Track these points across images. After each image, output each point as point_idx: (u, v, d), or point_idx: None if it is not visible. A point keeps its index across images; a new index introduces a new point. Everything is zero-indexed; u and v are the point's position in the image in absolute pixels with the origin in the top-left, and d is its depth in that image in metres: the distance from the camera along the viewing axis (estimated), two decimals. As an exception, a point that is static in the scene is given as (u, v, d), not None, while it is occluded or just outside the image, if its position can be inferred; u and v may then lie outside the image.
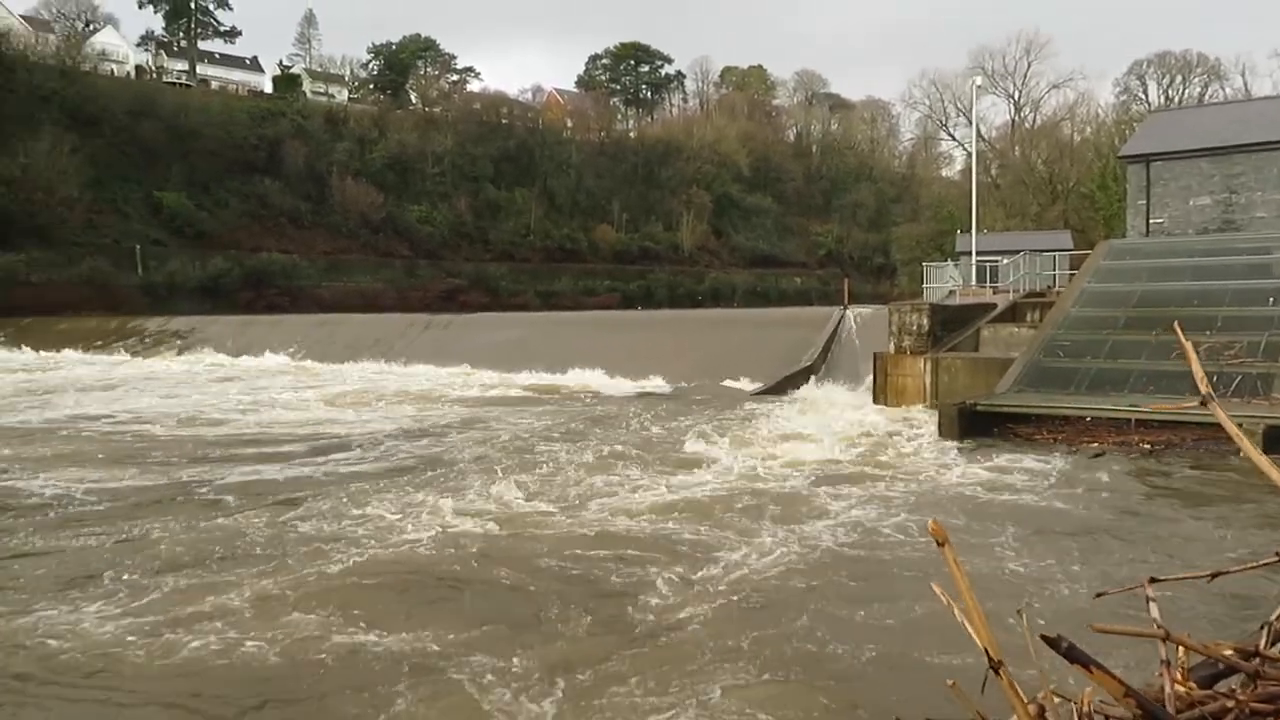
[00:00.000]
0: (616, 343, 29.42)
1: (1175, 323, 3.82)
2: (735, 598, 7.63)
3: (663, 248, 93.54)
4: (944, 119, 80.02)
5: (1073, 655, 1.71)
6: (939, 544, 1.74)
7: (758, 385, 23.63)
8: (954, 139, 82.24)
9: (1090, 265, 23.66)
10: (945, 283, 33.30)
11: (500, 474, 12.56)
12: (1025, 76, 74.09)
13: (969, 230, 36.99)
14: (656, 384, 25.32)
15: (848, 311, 26.41)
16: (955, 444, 15.33)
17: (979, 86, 47.41)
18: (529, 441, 15.81)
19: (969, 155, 65.29)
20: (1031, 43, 74.10)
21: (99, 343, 42.21)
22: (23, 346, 42.60)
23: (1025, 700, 1.78)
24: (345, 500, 11.19)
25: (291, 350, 35.86)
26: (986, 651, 1.70)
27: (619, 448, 14.69)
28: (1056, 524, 10.15)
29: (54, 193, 57.52)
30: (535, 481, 12.18)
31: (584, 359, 27.74)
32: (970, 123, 58.18)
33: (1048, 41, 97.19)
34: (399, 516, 10.30)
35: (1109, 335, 19.34)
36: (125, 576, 8.25)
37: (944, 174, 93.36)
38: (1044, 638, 1.71)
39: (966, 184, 49.44)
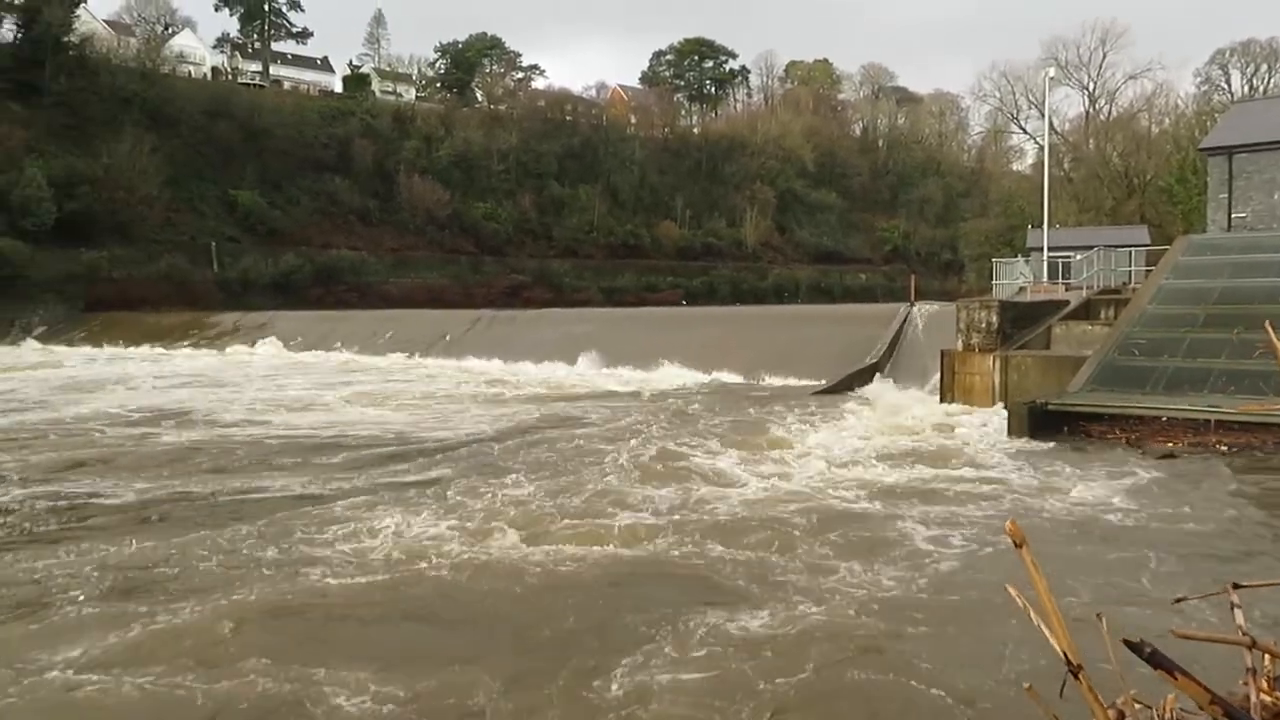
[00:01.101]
0: (679, 339, 29.43)
1: (1266, 322, 3.69)
2: (810, 600, 7.58)
3: (725, 244, 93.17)
4: (1015, 112, 78.24)
5: (1156, 661, 1.66)
6: (1016, 545, 1.71)
7: (820, 383, 23.41)
8: (1025, 132, 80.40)
9: (1168, 261, 22.96)
10: (1015, 279, 32.59)
11: (591, 482, 12.64)
12: (1100, 67, 72.12)
13: (1040, 225, 36.15)
14: (719, 380, 25.24)
15: (914, 308, 26.02)
16: (1025, 443, 15.02)
17: (1052, 78, 46.28)
18: (592, 444, 15.87)
19: (1041, 149, 63.88)
20: (1108, 32, 72.07)
21: (191, 337, 43.55)
22: (103, 344, 44.11)
23: (1105, 705, 1.74)
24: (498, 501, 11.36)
25: (372, 344, 36.30)
26: (1065, 655, 1.66)
27: (675, 448, 14.67)
28: (1132, 526, 9.88)
29: (134, 191, 59.39)
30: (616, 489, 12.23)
31: (646, 355, 27.80)
32: (1042, 115, 56.89)
33: (1125, 31, 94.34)
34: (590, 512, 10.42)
35: (1187, 333, 18.75)
36: (342, 559, 8.50)
37: (1014, 168, 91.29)
38: (1126, 642, 1.66)
39: (1038, 178, 48.29)
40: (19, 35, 64.85)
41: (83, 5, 70.78)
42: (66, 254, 54.17)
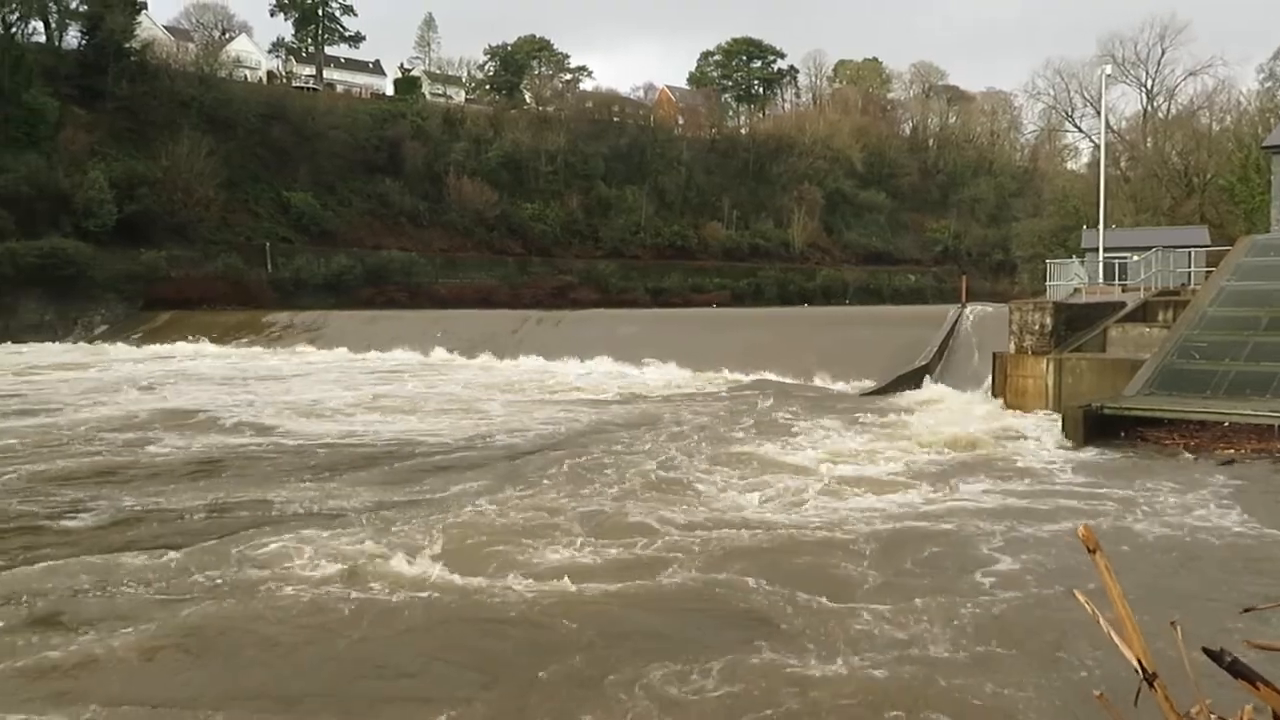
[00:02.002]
0: (727, 340, 29.37)
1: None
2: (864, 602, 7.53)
3: (773, 245, 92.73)
4: (1070, 110, 76.74)
5: (1237, 670, 1.62)
6: (1089, 551, 1.68)
7: (870, 385, 23.20)
8: (1080, 130, 78.78)
9: (1230, 262, 22.39)
10: (1070, 280, 32.05)
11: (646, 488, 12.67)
12: (1159, 64, 70.48)
13: (1096, 225, 35.46)
14: (767, 382, 25.11)
15: (965, 310, 25.68)
16: (1080, 448, 14.75)
17: (1108, 75, 45.34)
18: (638, 448, 15.89)
19: (1096, 147, 62.61)
20: (1167, 28, 70.40)
21: (248, 335, 44.39)
22: (167, 341, 45.13)
23: (1180, 715, 1.71)
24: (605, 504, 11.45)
25: (438, 344, 36.45)
26: (1140, 663, 1.63)
27: (711, 450, 14.64)
28: (1195, 533, 9.66)
29: (192, 193, 60.68)
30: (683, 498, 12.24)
31: (694, 356, 27.78)
32: (1098, 113, 55.81)
33: (1185, 26, 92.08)
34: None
35: (1250, 336, 18.27)
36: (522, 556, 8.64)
37: (1069, 167, 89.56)
38: (1206, 651, 1.63)
39: (1093, 177, 47.40)
40: (83, 42, 66.62)
41: (144, 12, 72.53)
42: (127, 254, 55.53)
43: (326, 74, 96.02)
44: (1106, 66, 45.10)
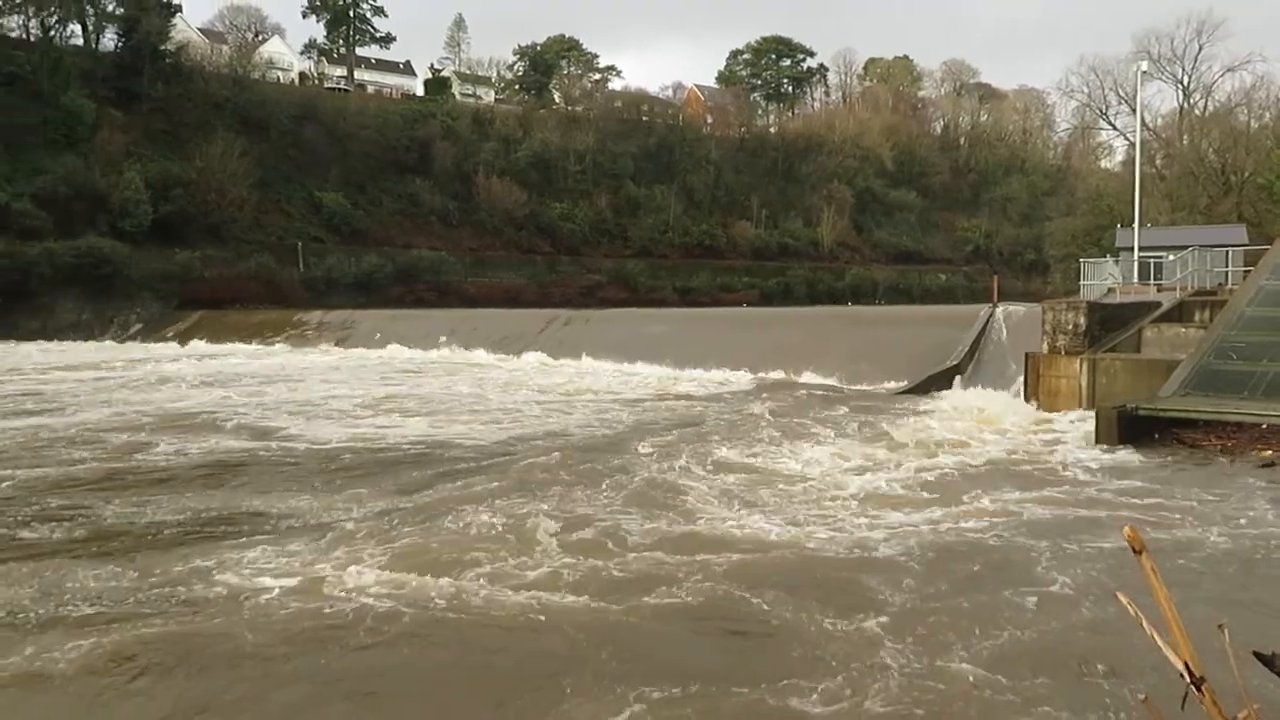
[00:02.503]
0: (755, 339, 29.29)
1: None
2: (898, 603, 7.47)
3: (802, 244, 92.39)
4: (1104, 107, 75.73)
5: (1286, 674, 1.59)
6: (1135, 552, 1.66)
7: (900, 385, 23.05)
8: (1115, 128, 77.72)
9: (1269, 261, 22.01)
10: (1104, 280, 31.63)
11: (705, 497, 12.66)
12: (1196, 60, 69.38)
13: (1130, 224, 34.99)
14: (796, 382, 25.01)
15: (997, 309, 25.44)
16: (1115, 449, 14.56)
17: (1144, 72, 44.76)
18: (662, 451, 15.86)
19: (1131, 145, 61.78)
20: (1204, 24, 69.28)
21: (283, 334, 44.88)
22: (199, 340, 45.69)
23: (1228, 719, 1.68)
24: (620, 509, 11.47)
25: (466, 343, 36.54)
26: (1187, 667, 1.61)
27: (742, 456, 14.58)
28: (1238, 537, 9.50)
29: (226, 193, 61.42)
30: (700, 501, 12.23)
31: (722, 355, 27.73)
32: (1133, 111, 55.06)
33: (1222, 22, 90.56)
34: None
35: (1290, 337, 17.96)
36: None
37: (1103, 165, 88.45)
38: (1257, 655, 1.60)
39: (1128, 175, 46.81)
40: (120, 44, 67.60)
41: (179, 14, 73.50)
42: (162, 254, 56.33)
43: (357, 75, 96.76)
44: (1142, 63, 44.54)
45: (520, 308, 50.33)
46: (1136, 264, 31.35)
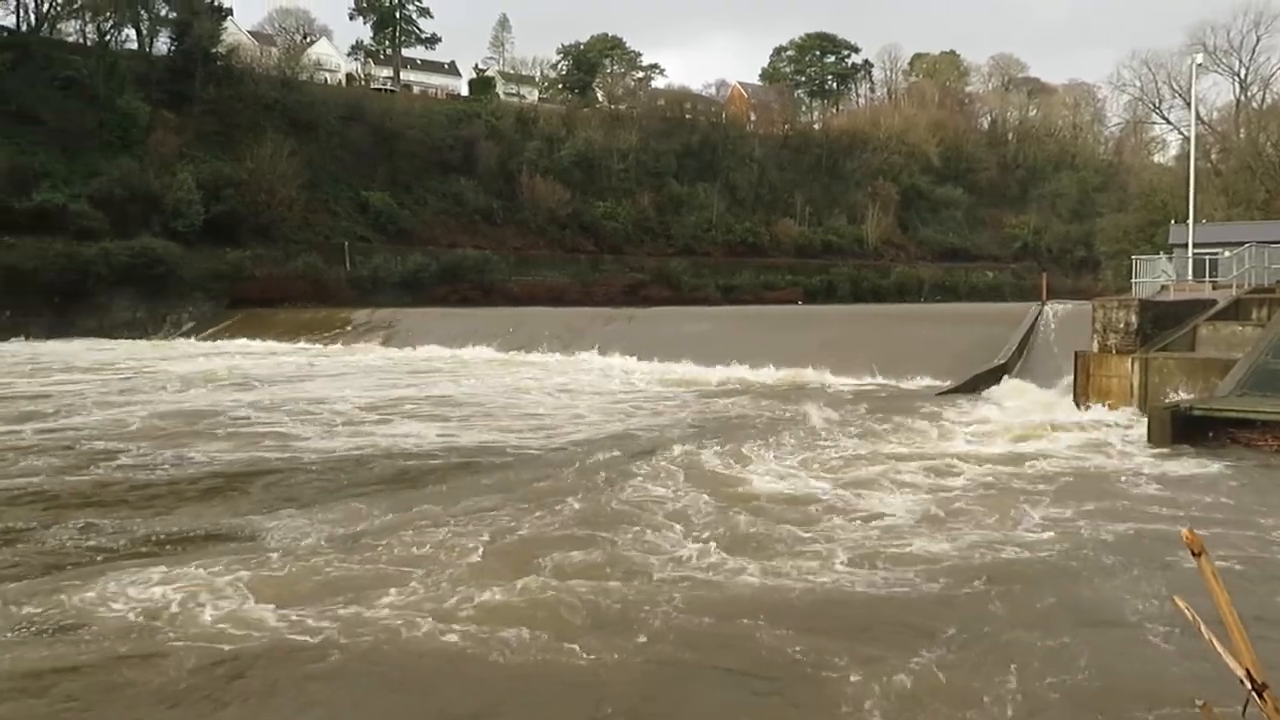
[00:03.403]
0: (799, 338, 29.12)
1: None
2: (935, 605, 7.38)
3: (846, 241, 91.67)
4: (1157, 101, 74.09)
5: (1351, 683, 1.55)
6: (1194, 555, 1.62)
7: (946, 384, 22.77)
8: (1168, 122, 76.01)
9: (1330, 258, 21.43)
10: (1156, 277, 31.00)
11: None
12: (1254, 52, 67.60)
13: (1184, 220, 34.24)
14: (842, 381, 24.83)
15: (1046, 307, 25.05)
16: (1167, 450, 14.26)
17: (1199, 65, 43.75)
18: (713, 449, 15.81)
19: (1185, 139, 60.43)
20: (1262, 14, 67.43)
21: (333, 333, 45.51)
22: (256, 338, 46.47)
23: (1290, 728, 1.63)
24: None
25: (540, 344, 36.49)
26: (1249, 673, 1.57)
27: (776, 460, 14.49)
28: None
29: (275, 194, 62.38)
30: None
31: (766, 354, 27.59)
32: (1188, 104, 53.86)
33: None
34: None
35: (1352, 335, 17.45)
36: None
37: (1155, 160, 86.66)
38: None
39: (1182, 170, 45.78)
40: (172, 48, 68.99)
41: (229, 18, 74.79)
42: (213, 253, 57.39)
43: (403, 75, 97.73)
44: (1197, 56, 43.53)
45: (564, 306, 50.46)
46: (1191, 261, 30.67)
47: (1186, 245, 31.91)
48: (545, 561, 8.48)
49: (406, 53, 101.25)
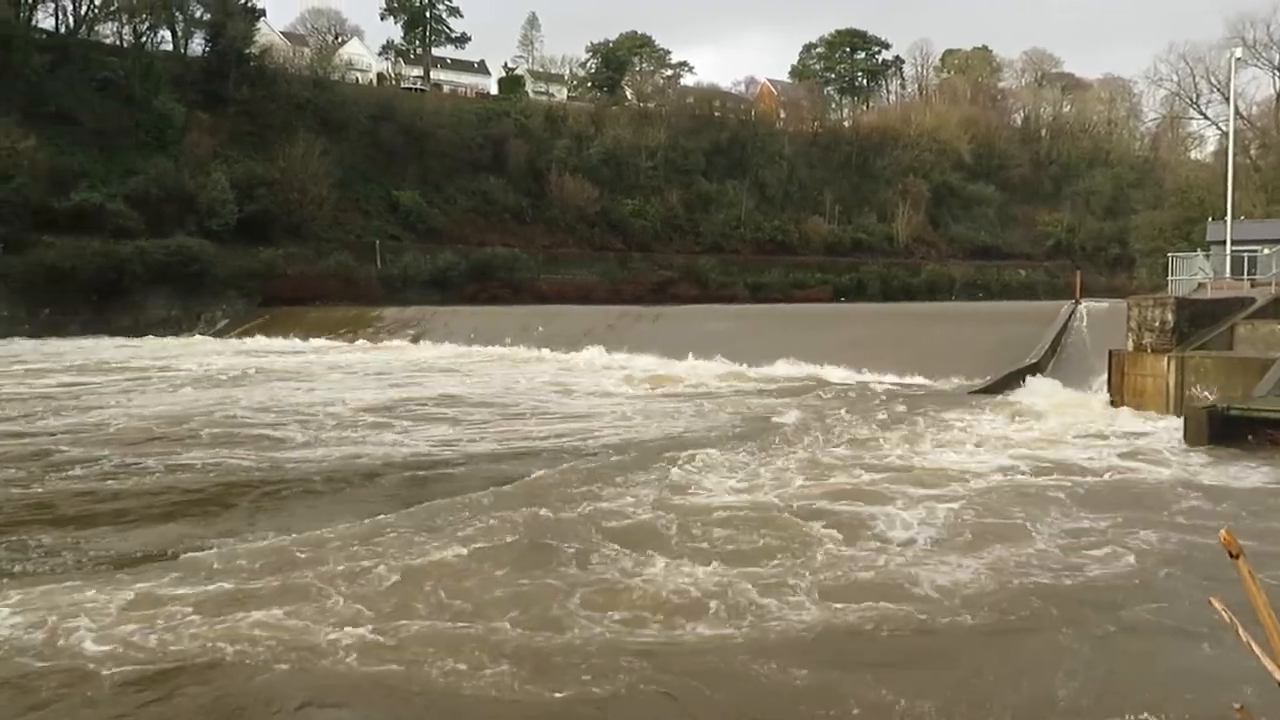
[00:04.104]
0: (829, 337, 28.96)
1: None
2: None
3: (876, 239, 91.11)
4: (1194, 96, 72.94)
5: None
6: (1232, 556, 1.59)
7: (977, 383, 22.56)
8: (1206, 117, 74.86)
9: (1373, 255, 20.99)
10: (1193, 275, 30.53)
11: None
12: (1295, 45, 66.43)
13: (1222, 217, 33.69)
14: (871, 379, 24.68)
15: (1079, 306, 24.72)
16: (1204, 451, 14.04)
17: (1238, 59, 42.99)
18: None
19: (1224, 135, 59.45)
20: (1303, 8, 66.36)
21: (365, 331, 45.87)
22: (290, 335, 46.92)
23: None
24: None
25: (537, 339, 36.68)
26: (1288, 677, 1.54)
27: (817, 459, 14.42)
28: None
29: (307, 193, 62.99)
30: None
31: (796, 352, 27.49)
32: (1226, 99, 53.00)
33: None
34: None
35: (1396, 334, 17.09)
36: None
37: (1193, 156, 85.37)
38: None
39: (1220, 166, 45.00)
40: (207, 49, 69.83)
41: (262, 19, 75.56)
42: (246, 252, 58.07)
43: (433, 75, 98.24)
44: (1236, 49, 42.77)
45: (592, 304, 50.53)
46: (1229, 258, 30.18)
47: (1224, 242, 31.38)
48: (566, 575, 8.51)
49: (436, 52, 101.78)
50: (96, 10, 67.46)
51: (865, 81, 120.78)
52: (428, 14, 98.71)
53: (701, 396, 21.92)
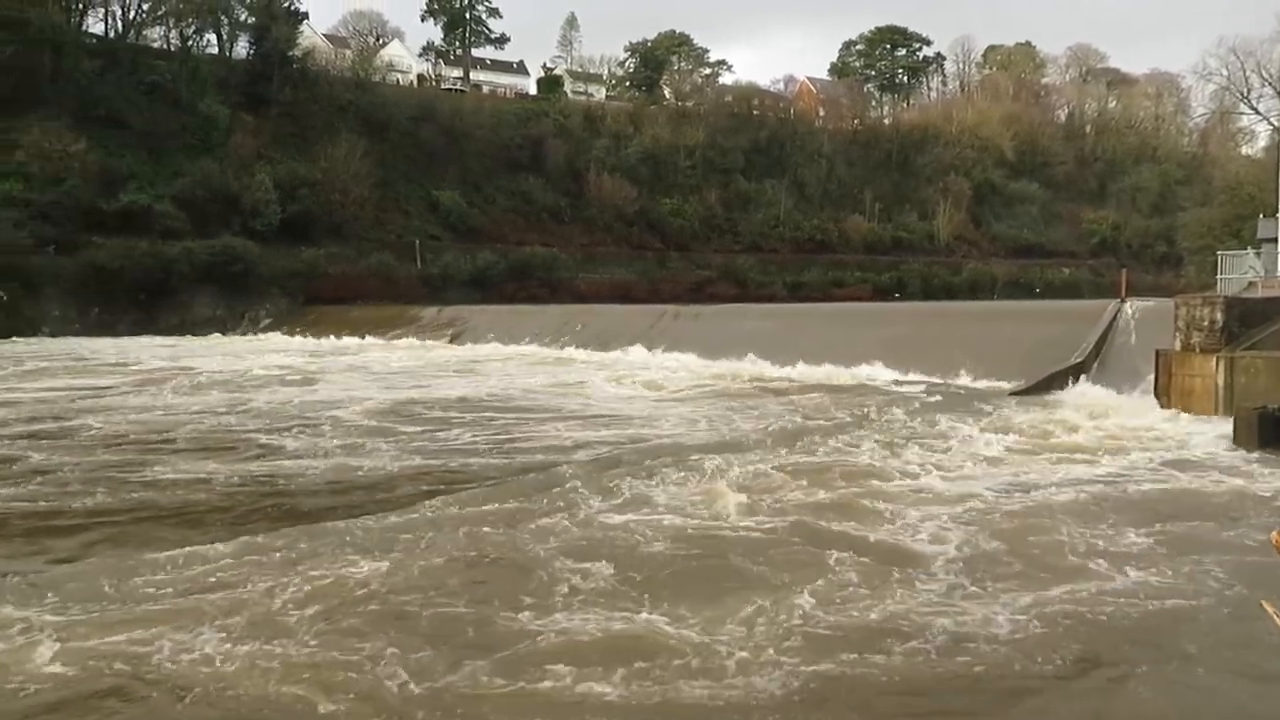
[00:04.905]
0: (871, 335, 28.72)
1: None
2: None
3: (916, 238, 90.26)
4: (1245, 90, 71.30)
5: None
6: None
7: (1018, 383, 22.22)
8: (1257, 112, 73.14)
9: None
10: (1243, 273, 29.92)
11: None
12: (1350, 38, 64.76)
13: (1274, 214, 32.94)
14: (912, 379, 24.43)
15: (1125, 305, 24.26)
16: (1255, 453, 13.72)
17: (1290, 52, 41.99)
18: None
19: (1276, 130, 58.24)
20: (1358, -1, 64.70)
21: (403, 329, 46.32)
22: (337, 335, 47.55)
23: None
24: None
25: (575, 339, 36.82)
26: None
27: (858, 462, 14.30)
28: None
29: (348, 193, 63.75)
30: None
31: (835, 351, 27.28)
32: (1278, 93, 51.87)
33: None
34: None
35: None
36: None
37: (1243, 152, 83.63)
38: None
39: (1271, 162, 44.05)
40: (251, 52, 70.92)
41: (305, 22, 76.60)
42: (289, 252, 58.91)
43: (473, 75, 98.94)
44: (1288, 42, 41.79)
45: (630, 304, 50.55)
46: (1281, 256, 29.51)
47: (1276, 240, 30.69)
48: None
49: (476, 53, 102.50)
50: (144, 15, 68.83)
51: (906, 79, 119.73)
52: (467, 15, 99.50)
53: (741, 396, 21.83)
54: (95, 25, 67.87)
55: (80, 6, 65.45)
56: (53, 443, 14.90)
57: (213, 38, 72.05)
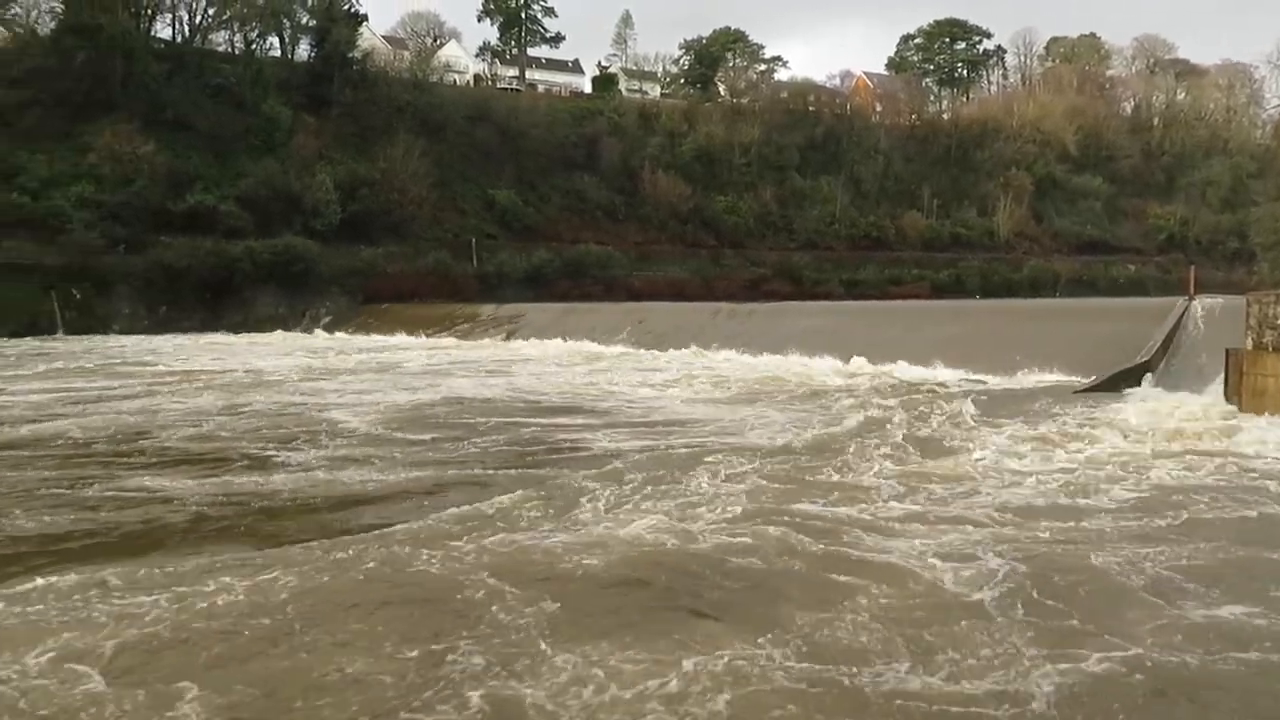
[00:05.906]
0: (929, 334, 28.38)
1: None
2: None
3: (975, 234, 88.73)
4: (1321, 81, 69.03)
5: None
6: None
7: (1086, 381, 21.78)
8: (1334, 103, 70.77)
9: None
10: (1320, 270, 28.92)
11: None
12: None
13: (1353, 209, 31.78)
14: (973, 377, 24.08)
15: (1193, 302, 23.62)
16: (1332, 456, 13.26)
17: (1370, 40, 40.46)
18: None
19: (1354, 121, 56.07)
20: None
21: (459, 328, 46.92)
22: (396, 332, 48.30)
23: None
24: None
25: (632, 336, 37.09)
26: None
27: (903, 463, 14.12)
28: None
29: (406, 193, 64.61)
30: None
31: (894, 349, 27.00)
32: (1357, 83, 50.03)
33: None
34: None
35: None
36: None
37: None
38: None
39: (1350, 155, 42.46)
40: (312, 54, 72.26)
41: (365, 24, 77.77)
42: (349, 251, 59.94)
43: (528, 74, 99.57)
44: (1368, 30, 40.30)
45: (685, 301, 50.49)
46: (1359, 252, 28.47)
47: (1354, 235, 29.61)
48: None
49: (531, 52, 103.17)
50: (210, 20, 70.46)
51: (965, 72, 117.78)
52: (523, 14, 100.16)
53: (799, 397, 21.70)
54: (163, 30, 69.74)
55: (149, 12, 67.22)
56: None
57: (275, 40, 73.58)
